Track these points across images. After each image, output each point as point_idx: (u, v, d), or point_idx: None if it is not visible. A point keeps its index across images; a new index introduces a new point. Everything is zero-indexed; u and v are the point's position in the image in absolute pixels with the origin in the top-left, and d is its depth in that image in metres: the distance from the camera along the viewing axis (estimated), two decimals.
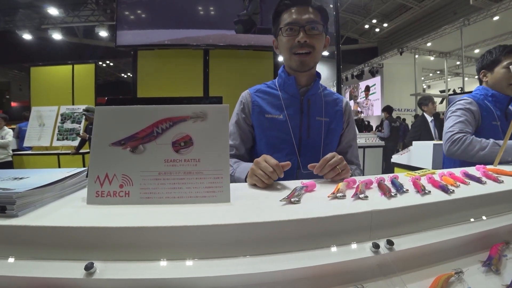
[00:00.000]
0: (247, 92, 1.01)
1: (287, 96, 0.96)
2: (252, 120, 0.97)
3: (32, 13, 10.72)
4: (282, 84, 0.98)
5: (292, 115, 0.94)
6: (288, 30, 0.89)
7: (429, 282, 0.42)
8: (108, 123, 0.53)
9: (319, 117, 0.95)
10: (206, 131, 0.53)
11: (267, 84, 1.02)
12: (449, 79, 12.69)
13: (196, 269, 0.39)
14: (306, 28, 0.87)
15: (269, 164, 0.65)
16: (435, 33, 10.30)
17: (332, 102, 1.00)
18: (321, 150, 0.94)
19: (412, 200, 0.52)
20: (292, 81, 0.94)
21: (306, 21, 0.87)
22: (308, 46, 0.88)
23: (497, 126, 1.20)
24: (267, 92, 0.99)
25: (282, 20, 0.91)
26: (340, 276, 0.42)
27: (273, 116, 0.94)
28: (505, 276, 0.46)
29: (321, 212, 0.45)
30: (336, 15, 3.61)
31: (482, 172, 0.73)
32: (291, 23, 0.88)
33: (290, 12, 0.89)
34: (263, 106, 0.96)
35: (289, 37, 0.89)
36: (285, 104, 0.95)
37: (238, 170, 0.83)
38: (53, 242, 0.40)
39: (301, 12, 0.88)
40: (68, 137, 4.48)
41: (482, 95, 1.28)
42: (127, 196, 0.51)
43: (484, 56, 1.33)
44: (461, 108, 1.22)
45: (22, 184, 0.50)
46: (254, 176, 0.67)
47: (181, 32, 3.00)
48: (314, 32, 0.88)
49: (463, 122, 1.17)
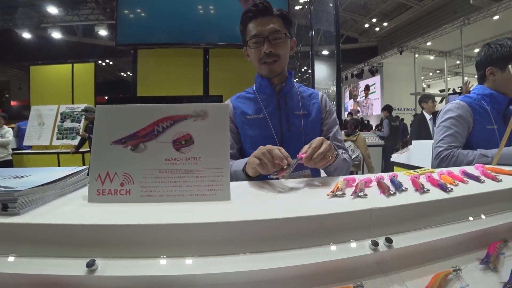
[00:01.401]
0: (229, 100, 1.09)
1: (264, 97, 1.03)
2: (236, 123, 1.03)
3: (31, 12, 10.70)
4: (258, 87, 1.05)
5: (271, 113, 1.00)
6: (253, 42, 0.95)
7: (428, 280, 0.43)
8: (109, 121, 0.53)
9: (297, 111, 1.01)
10: (206, 130, 0.54)
11: (246, 91, 1.10)
12: (449, 79, 12.69)
13: (196, 266, 0.39)
14: (270, 39, 0.92)
15: (281, 152, 0.67)
16: (435, 33, 10.30)
17: (307, 97, 1.07)
18: (302, 142, 0.98)
19: (411, 198, 0.53)
20: (266, 82, 1.01)
21: (269, 31, 0.92)
22: (274, 55, 0.94)
23: (493, 130, 1.12)
24: (246, 97, 1.07)
25: (248, 32, 0.96)
26: (339, 273, 0.43)
27: (254, 116, 1.01)
28: (502, 274, 0.47)
29: (320, 210, 0.45)
30: (336, 14, 3.61)
31: (480, 171, 0.73)
32: (255, 35, 0.93)
33: (253, 24, 0.94)
34: (243, 109, 1.03)
35: (256, 49, 0.95)
36: (263, 104, 1.02)
37: (234, 164, 0.86)
38: (55, 240, 0.40)
39: (264, 23, 0.93)
40: (67, 136, 4.48)
41: (480, 95, 1.19)
42: (128, 194, 0.51)
43: (492, 49, 1.15)
44: (451, 117, 1.15)
45: (23, 182, 0.50)
46: (257, 160, 0.68)
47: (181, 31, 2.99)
48: (277, 41, 0.94)
49: (452, 136, 1.13)
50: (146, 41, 3.03)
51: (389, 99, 11.99)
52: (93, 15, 11.18)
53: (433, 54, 12.16)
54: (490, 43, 1.18)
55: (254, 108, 1.02)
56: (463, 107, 1.16)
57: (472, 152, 1.05)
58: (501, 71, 1.13)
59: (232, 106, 1.05)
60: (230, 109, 1.05)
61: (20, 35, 11.02)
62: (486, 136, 1.13)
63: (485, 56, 1.18)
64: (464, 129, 1.14)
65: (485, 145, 1.07)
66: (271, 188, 0.63)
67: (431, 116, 3.79)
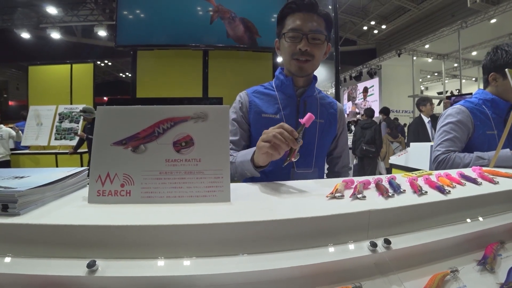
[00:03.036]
0: (245, 92, 1.02)
1: (284, 97, 0.98)
2: (249, 119, 0.98)
3: (30, 12, 10.68)
4: (279, 85, 0.99)
5: (288, 116, 0.95)
6: (291, 36, 0.89)
7: (426, 280, 0.43)
8: (110, 122, 0.53)
9: (315, 119, 0.97)
10: (206, 132, 0.54)
11: (264, 86, 1.03)
12: (447, 81, 12.78)
13: (196, 267, 0.39)
14: (309, 37, 0.87)
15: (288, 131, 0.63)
16: (433, 35, 10.36)
17: (327, 104, 1.03)
18: (314, 151, 0.96)
19: (409, 200, 0.53)
20: (290, 82, 0.96)
21: (310, 29, 0.87)
22: (309, 54, 0.88)
23: (493, 135, 1.13)
24: (264, 93, 1.01)
25: (286, 24, 0.90)
26: (338, 274, 0.43)
27: (270, 116, 0.95)
28: (499, 275, 0.47)
29: (319, 211, 0.46)
30: (335, 16, 3.63)
31: (478, 173, 0.74)
32: (294, 29, 0.87)
33: (294, 17, 0.88)
34: (260, 106, 0.97)
35: (291, 43, 0.89)
36: (282, 104, 0.96)
37: (239, 155, 0.82)
38: (55, 240, 0.40)
39: (306, 19, 0.87)
40: (66, 137, 4.47)
41: (481, 100, 1.18)
42: (128, 195, 0.51)
43: (497, 55, 1.13)
44: (451, 122, 1.16)
45: (23, 183, 0.50)
46: (267, 144, 0.64)
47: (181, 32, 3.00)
48: (316, 41, 0.88)
49: (450, 140, 1.14)
50: (146, 42, 3.03)
51: (387, 102, 12.05)
52: (92, 16, 11.17)
53: (431, 57, 12.23)
54: (498, 47, 1.16)
55: (271, 107, 0.97)
56: (463, 112, 1.16)
57: (469, 155, 1.06)
58: (503, 77, 1.13)
59: (248, 100, 0.99)
60: (245, 102, 0.99)
61: (19, 35, 10.98)
62: (486, 142, 1.13)
63: (490, 61, 1.17)
64: (464, 134, 1.15)
65: (485, 150, 1.06)
66: (271, 189, 0.64)
67: (429, 119, 3.80)
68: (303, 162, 0.94)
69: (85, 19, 11.22)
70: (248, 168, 0.75)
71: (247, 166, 0.75)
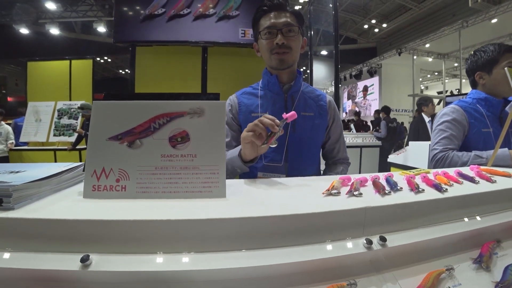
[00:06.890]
0: (234, 95, 1.07)
1: (271, 94, 1.02)
2: (239, 120, 1.02)
3: (29, 7, 10.61)
4: (266, 84, 1.03)
5: (277, 112, 0.98)
6: (266, 33, 0.95)
7: (421, 278, 0.43)
8: (106, 117, 0.53)
9: (304, 112, 1.00)
10: (202, 127, 0.54)
11: (252, 86, 1.08)
12: (447, 81, 12.77)
13: (191, 262, 0.39)
14: (283, 31, 0.93)
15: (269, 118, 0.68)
16: (433, 35, 10.33)
17: (315, 97, 1.06)
18: (306, 144, 0.99)
19: (406, 197, 0.53)
20: (275, 79, 1.00)
21: (283, 24, 0.93)
22: (286, 47, 0.94)
23: (488, 133, 1.15)
24: (252, 93, 1.05)
25: (261, 25, 0.96)
26: (333, 271, 0.43)
27: (259, 114, 0.99)
28: (495, 273, 0.47)
29: (315, 208, 0.45)
30: (335, 14, 3.62)
31: (475, 172, 0.74)
32: (269, 27, 0.94)
33: (268, 17, 0.95)
34: (249, 106, 1.02)
35: (268, 40, 0.95)
36: (270, 102, 1.00)
37: (228, 153, 0.86)
38: (49, 235, 0.40)
39: (278, 16, 0.94)
40: (64, 133, 4.45)
41: (475, 100, 1.22)
42: (124, 190, 0.51)
43: (477, 56, 1.22)
44: (447, 120, 1.19)
45: (18, 177, 0.50)
46: (250, 133, 0.69)
47: (180, 29, 2.98)
48: (290, 34, 0.94)
49: (447, 138, 1.15)
50: (145, 38, 3.01)
51: (387, 100, 12.03)
52: (91, 12, 11.11)
53: (431, 56, 12.20)
54: (475, 51, 1.25)
55: (260, 105, 1.01)
56: (458, 111, 1.20)
57: (467, 153, 1.06)
58: (489, 74, 1.19)
59: (237, 102, 1.03)
60: (234, 104, 1.03)
61: (18, 31, 10.92)
62: (482, 139, 1.15)
63: (472, 63, 1.25)
64: (460, 132, 1.17)
65: (481, 148, 1.09)
66: (267, 186, 0.64)
67: (429, 118, 3.80)
68: (296, 156, 0.98)
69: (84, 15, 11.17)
70: (237, 164, 0.79)
71: (236, 162, 0.79)
